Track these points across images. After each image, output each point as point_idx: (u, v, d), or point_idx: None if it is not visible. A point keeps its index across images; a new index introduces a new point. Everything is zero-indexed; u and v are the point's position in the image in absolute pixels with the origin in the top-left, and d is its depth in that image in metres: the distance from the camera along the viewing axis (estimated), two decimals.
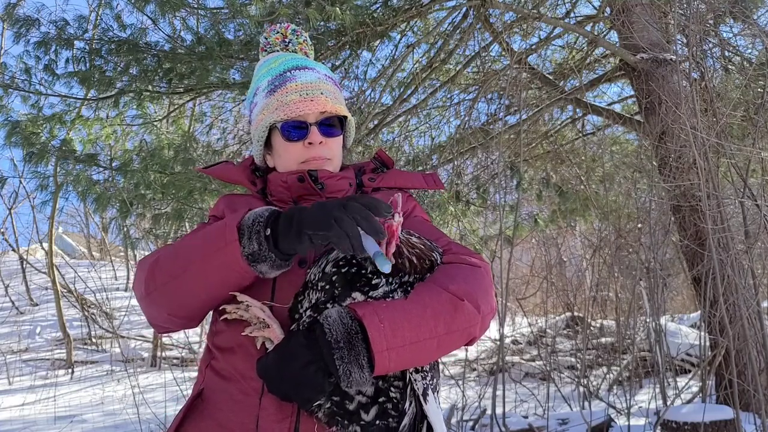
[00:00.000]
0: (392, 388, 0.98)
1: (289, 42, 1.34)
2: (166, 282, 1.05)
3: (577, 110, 5.99)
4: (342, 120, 1.27)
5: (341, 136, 1.28)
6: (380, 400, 0.97)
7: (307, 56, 1.35)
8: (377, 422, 0.97)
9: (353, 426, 0.97)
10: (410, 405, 1.00)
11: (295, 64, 1.27)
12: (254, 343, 1.03)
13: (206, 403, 1.08)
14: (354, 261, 0.98)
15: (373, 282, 0.97)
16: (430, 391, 1.03)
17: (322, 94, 1.21)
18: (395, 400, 0.98)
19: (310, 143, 1.21)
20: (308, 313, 0.99)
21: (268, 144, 1.28)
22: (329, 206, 0.93)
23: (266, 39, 1.35)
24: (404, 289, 0.99)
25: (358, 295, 0.97)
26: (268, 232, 0.98)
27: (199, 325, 1.15)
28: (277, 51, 1.34)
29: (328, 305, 0.97)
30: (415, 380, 1.01)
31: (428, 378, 1.03)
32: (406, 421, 0.99)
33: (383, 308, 0.94)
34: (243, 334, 1.02)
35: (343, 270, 0.98)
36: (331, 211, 0.92)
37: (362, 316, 0.92)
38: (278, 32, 1.35)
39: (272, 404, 1.00)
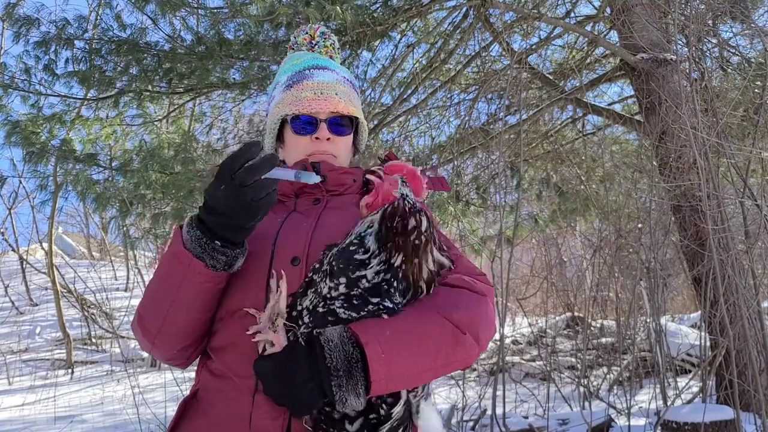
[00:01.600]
0: (383, 405, 0.98)
1: (315, 44, 1.37)
2: (160, 327, 1.08)
3: (577, 110, 5.99)
4: (354, 122, 1.29)
5: (350, 136, 1.29)
6: (371, 416, 0.97)
7: (332, 59, 1.37)
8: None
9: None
10: (398, 414, 1.00)
11: (315, 64, 1.30)
12: (248, 341, 1.02)
13: (201, 402, 1.09)
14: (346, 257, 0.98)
15: (364, 262, 0.98)
16: (422, 404, 1.04)
17: (336, 94, 1.24)
18: (383, 417, 0.98)
19: (317, 138, 1.23)
20: (306, 318, 0.98)
21: (280, 138, 1.31)
22: (222, 191, 0.95)
23: (295, 39, 1.39)
24: (394, 273, 0.98)
25: (344, 279, 0.97)
26: (216, 243, 1.00)
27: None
28: (303, 51, 1.37)
29: (324, 306, 0.97)
30: (407, 400, 1.01)
31: (420, 393, 1.03)
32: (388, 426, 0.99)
33: (386, 336, 0.94)
34: (249, 333, 1.01)
35: (334, 261, 0.98)
36: (240, 195, 0.94)
37: (365, 344, 0.92)
38: (307, 33, 1.38)
39: (266, 402, 1.00)
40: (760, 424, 3.59)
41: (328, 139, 1.23)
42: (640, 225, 5.30)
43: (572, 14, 5.52)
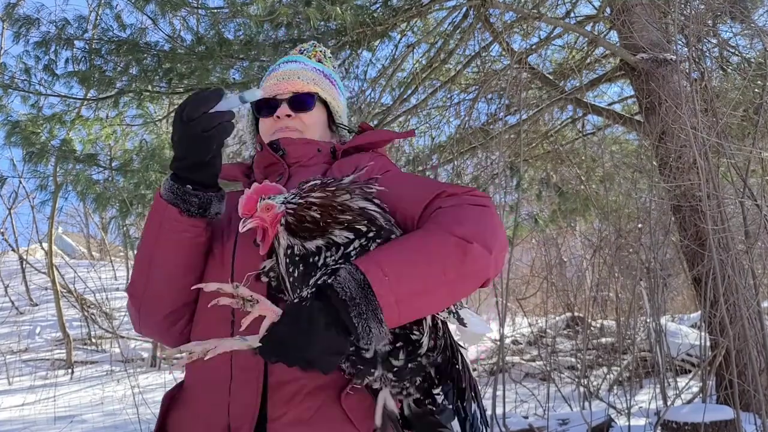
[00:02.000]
0: (414, 332, 0.96)
1: (304, 50, 1.43)
2: (144, 288, 1.12)
3: (577, 110, 5.99)
4: (324, 102, 1.31)
5: (316, 113, 1.30)
6: (400, 345, 0.95)
7: (320, 62, 1.40)
8: (409, 365, 0.96)
9: (384, 373, 0.96)
10: (437, 339, 0.99)
11: (286, 59, 1.37)
12: (219, 332, 1.01)
13: (186, 393, 1.13)
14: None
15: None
16: (460, 313, 1.02)
17: (298, 78, 1.28)
18: (418, 343, 0.96)
19: (278, 117, 1.26)
20: (289, 279, 0.98)
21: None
22: (177, 134, 1.01)
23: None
24: (380, 236, 0.97)
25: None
26: (188, 187, 1.05)
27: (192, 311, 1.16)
28: None
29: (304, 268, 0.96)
30: (438, 315, 0.99)
31: (452, 308, 1.01)
32: (436, 355, 0.99)
33: (387, 260, 0.91)
34: (244, 322, 0.95)
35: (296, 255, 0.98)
36: (191, 129, 0.99)
37: (365, 271, 0.89)
38: (299, 46, 1.46)
39: (241, 391, 1.02)
40: (760, 424, 3.59)
41: (288, 115, 1.26)
42: (640, 225, 5.30)
43: (572, 14, 5.52)
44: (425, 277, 0.92)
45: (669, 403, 4.43)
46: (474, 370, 7.50)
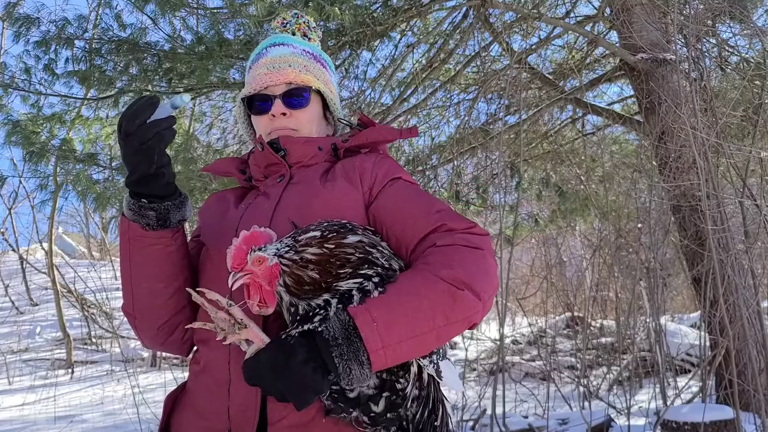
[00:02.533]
0: (399, 380, 0.96)
1: (287, 23, 1.34)
2: (133, 304, 1.13)
3: (577, 110, 5.99)
4: (319, 94, 1.26)
5: (311, 108, 1.24)
6: (391, 396, 0.95)
7: (306, 36, 1.34)
8: (387, 414, 0.96)
9: (359, 414, 0.95)
10: (420, 390, 0.99)
11: (272, 42, 1.29)
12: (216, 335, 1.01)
13: (189, 394, 1.13)
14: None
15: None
16: (440, 364, 1.02)
17: (289, 66, 1.22)
18: (401, 392, 0.96)
19: (273, 115, 1.21)
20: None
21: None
22: (121, 145, 1.00)
23: (269, 27, 1.38)
24: (361, 287, 0.94)
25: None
26: (143, 201, 1.04)
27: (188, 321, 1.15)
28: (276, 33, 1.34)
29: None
30: (424, 366, 0.99)
31: (435, 355, 1.01)
32: (416, 408, 0.98)
33: (375, 305, 0.91)
34: (224, 343, 0.97)
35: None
36: (129, 144, 0.98)
37: (354, 315, 0.89)
38: (281, 16, 1.37)
39: (240, 394, 1.01)
40: (759, 423, 3.59)
41: (283, 114, 1.21)
42: (639, 225, 5.30)
43: (572, 14, 5.51)
44: (414, 323, 0.91)
45: (669, 402, 4.43)
46: (473, 370, 7.51)
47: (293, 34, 1.32)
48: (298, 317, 0.94)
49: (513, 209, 5.99)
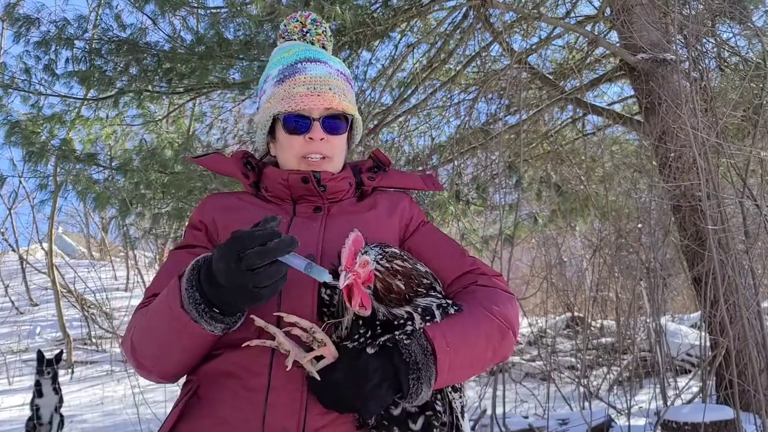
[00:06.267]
0: (437, 402, 1.01)
1: (307, 32, 1.31)
2: (154, 364, 1.05)
3: (577, 110, 5.99)
4: (349, 119, 1.24)
5: (345, 134, 1.25)
6: (427, 413, 1.00)
7: (325, 48, 1.32)
8: None
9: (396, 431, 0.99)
10: (450, 419, 1.04)
11: (308, 56, 1.24)
12: (264, 359, 1.01)
13: (204, 401, 1.03)
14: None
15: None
16: (464, 410, 1.09)
17: (330, 89, 1.19)
18: (439, 414, 1.01)
19: (311, 138, 1.18)
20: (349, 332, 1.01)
21: (272, 133, 1.27)
22: (224, 267, 0.88)
23: (285, 26, 1.33)
24: (424, 315, 1.01)
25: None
26: (215, 311, 0.95)
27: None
28: (294, 40, 1.31)
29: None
30: (453, 399, 1.05)
31: (462, 397, 1.08)
32: None
33: (449, 332, 0.99)
34: (288, 366, 0.97)
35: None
36: (230, 272, 0.87)
37: (433, 338, 0.96)
38: (298, 20, 1.32)
39: (281, 401, 0.97)
40: (760, 424, 3.58)
41: (321, 138, 1.18)
42: (639, 225, 5.29)
43: (572, 14, 5.51)
44: (473, 352, 1.01)
45: (669, 403, 4.43)
46: None
47: (312, 43, 1.30)
48: (377, 322, 1.00)
49: (513, 209, 5.99)
